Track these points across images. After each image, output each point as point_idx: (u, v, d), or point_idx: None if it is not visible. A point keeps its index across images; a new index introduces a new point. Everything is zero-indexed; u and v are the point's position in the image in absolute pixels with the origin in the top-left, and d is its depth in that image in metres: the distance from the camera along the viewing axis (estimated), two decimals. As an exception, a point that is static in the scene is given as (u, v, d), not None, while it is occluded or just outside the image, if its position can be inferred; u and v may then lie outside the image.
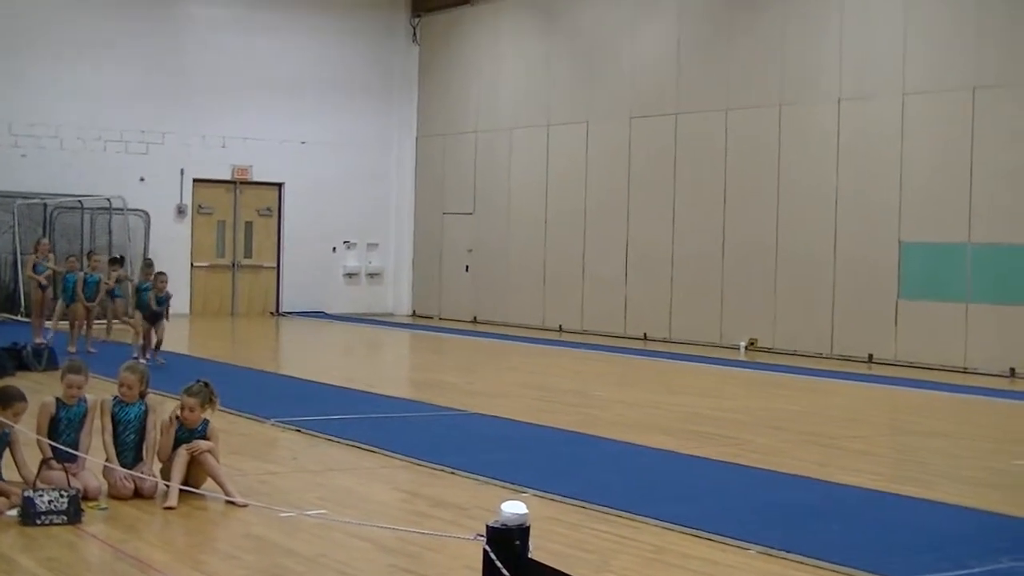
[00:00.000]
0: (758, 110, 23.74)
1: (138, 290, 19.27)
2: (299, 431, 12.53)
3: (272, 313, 30.91)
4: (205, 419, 9.43)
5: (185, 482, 9.02)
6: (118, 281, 22.03)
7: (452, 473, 10.43)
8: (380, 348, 25.49)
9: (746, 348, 23.54)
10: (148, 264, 20.20)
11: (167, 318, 19.17)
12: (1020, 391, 18.19)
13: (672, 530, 8.51)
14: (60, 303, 20.55)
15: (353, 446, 11.69)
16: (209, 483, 9.21)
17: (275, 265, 31.21)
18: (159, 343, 18.77)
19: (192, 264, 29.73)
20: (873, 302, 21.79)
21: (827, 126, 22.58)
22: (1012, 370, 19.86)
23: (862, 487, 10.29)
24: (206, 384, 9.48)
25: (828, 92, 22.60)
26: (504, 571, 3.56)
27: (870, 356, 21.77)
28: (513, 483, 9.88)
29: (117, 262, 22.71)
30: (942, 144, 20.94)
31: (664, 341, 25.07)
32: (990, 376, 19.71)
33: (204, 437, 9.32)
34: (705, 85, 24.80)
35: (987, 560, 7.80)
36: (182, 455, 9.12)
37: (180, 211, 29.68)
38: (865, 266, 21.92)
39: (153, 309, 18.74)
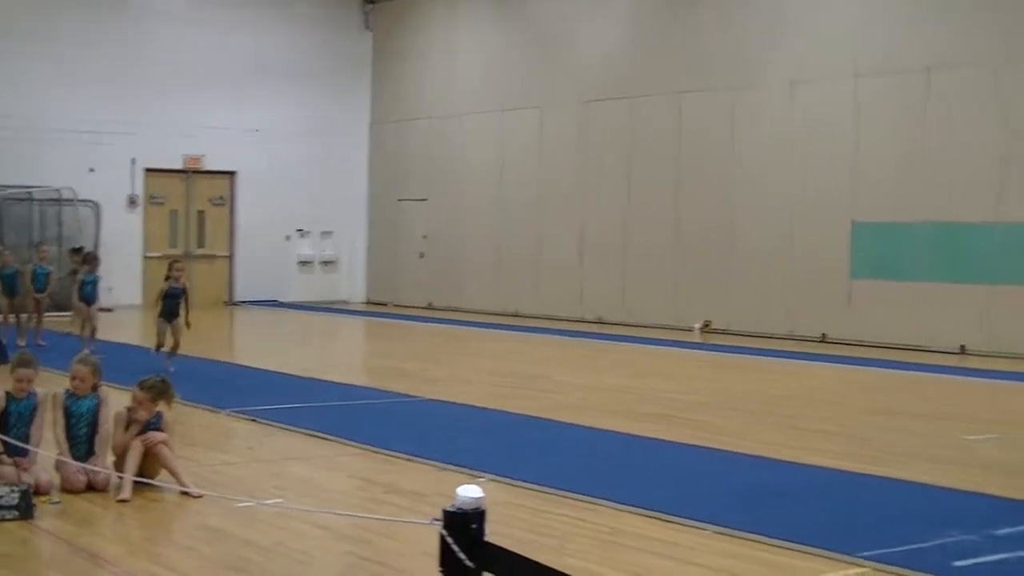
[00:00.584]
0: (711, 93, 23.81)
1: (84, 283, 18.92)
2: (255, 421, 12.46)
3: (226, 303, 30.76)
4: (159, 411, 9.35)
5: (139, 474, 8.95)
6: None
7: (409, 460, 10.41)
8: (335, 336, 25.43)
9: (701, 330, 23.63)
10: (92, 257, 19.73)
11: (188, 315, 16.53)
12: (970, 368, 18.34)
13: (630, 512, 8.53)
14: (2, 299, 20.10)
15: (309, 435, 11.65)
16: (164, 475, 9.15)
17: (228, 254, 31.06)
18: (176, 345, 16.39)
19: (144, 255, 29.50)
20: (826, 282, 21.91)
21: (780, 108, 22.66)
22: (962, 347, 20.02)
23: (819, 466, 10.35)
24: (163, 380, 9.41)
25: (781, 75, 22.68)
26: (460, 555, 3.55)
27: (823, 335, 21.89)
28: (471, 469, 9.86)
29: (77, 252, 22.31)
30: (894, 125, 21.07)
31: (619, 324, 25.12)
32: (941, 353, 19.87)
33: (158, 429, 9.25)
34: (659, 69, 24.84)
35: (939, 535, 7.87)
36: (136, 447, 9.05)
37: (132, 201, 29.47)
38: (818, 246, 22.04)
39: (164, 305, 16.41)
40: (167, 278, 16.75)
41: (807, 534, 7.83)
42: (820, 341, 21.81)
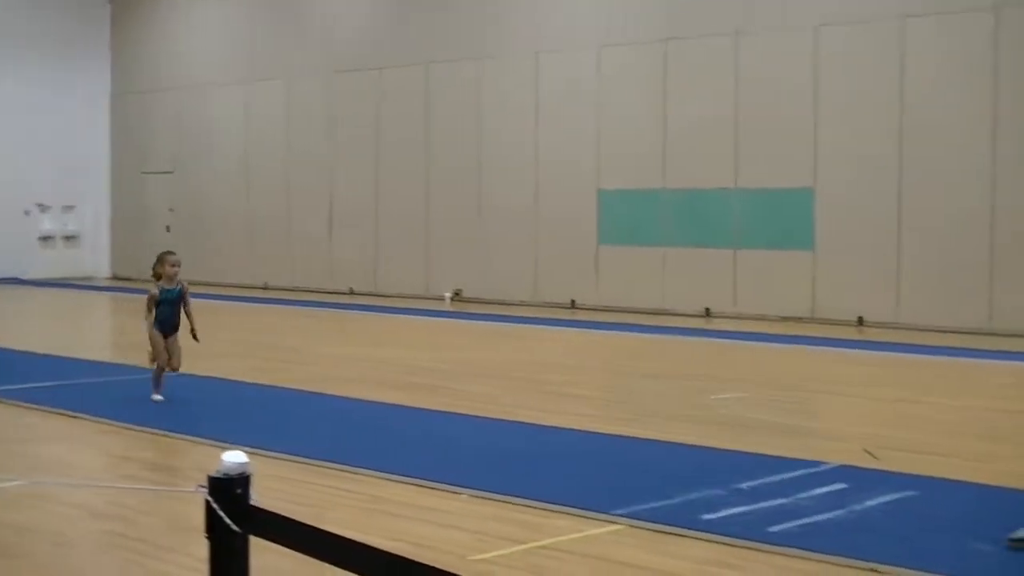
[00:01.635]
0: (459, 63, 23.96)
1: None
2: (0, 402, 12.09)
3: (-37, 281, 29.72)
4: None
5: None
6: None
7: (163, 436, 10.25)
8: (80, 312, 24.77)
9: (452, 299, 23.82)
10: None
11: (193, 324, 11.99)
12: (715, 329, 18.96)
13: (390, 480, 8.58)
14: None
15: (59, 414, 11.35)
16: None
17: (-36, 231, 29.98)
18: (176, 367, 12.07)
19: None
20: (574, 249, 22.34)
21: (526, 78, 22.95)
22: (707, 310, 20.68)
23: (571, 428, 10.57)
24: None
25: (526, 45, 22.96)
26: (227, 520, 3.55)
27: (573, 302, 22.32)
28: (227, 442, 9.74)
29: None
30: (637, 94, 21.56)
31: (371, 295, 25.15)
32: (687, 316, 20.49)
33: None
34: (406, 40, 24.87)
35: (688, 491, 8.14)
36: None
37: None
38: (566, 214, 22.44)
39: (159, 314, 12.00)
40: (158, 277, 12.07)
41: (563, 494, 8.01)
42: (570, 307, 22.23)
